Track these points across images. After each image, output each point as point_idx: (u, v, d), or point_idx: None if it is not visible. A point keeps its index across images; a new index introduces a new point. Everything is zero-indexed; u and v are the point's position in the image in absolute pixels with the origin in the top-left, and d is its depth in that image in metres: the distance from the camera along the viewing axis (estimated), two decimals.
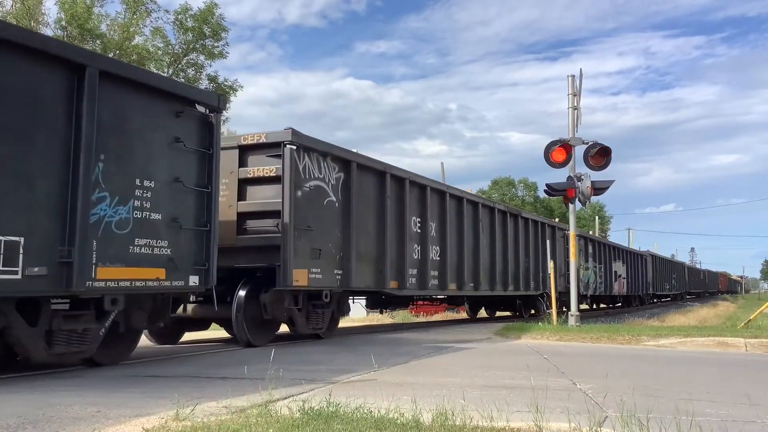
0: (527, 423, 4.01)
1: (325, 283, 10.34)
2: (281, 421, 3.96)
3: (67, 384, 5.94)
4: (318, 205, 10.24)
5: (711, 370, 7.79)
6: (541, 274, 20.20)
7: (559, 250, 21.57)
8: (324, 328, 11.00)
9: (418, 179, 13.42)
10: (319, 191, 10.31)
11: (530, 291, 19.82)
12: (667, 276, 43.83)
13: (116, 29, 28.68)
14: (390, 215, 12.15)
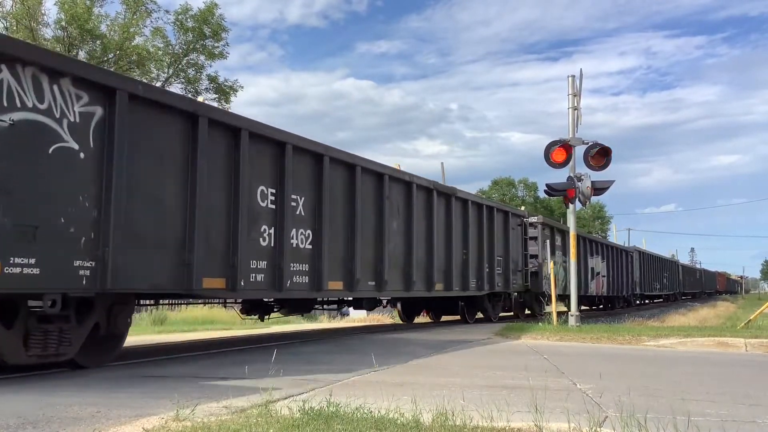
0: (527, 423, 4.01)
1: (45, 283, 6.13)
2: (281, 421, 3.96)
3: (67, 384, 5.95)
4: (32, 153, 6.09)
5: (711, 371, 7.79)
6: (488, 269, 16.25)
7: (515, 242, 18.42)
8: (71, 354, 6.89)
9: (264, 130, 9.03)
10: (37, 131, 6.13)
11: (470, 291, 15.46)
12: (658, 275, 40.59)
13: (116, 29, 28.66)
14: (204, 178, 7.89)
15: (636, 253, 35.09)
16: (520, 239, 19.02)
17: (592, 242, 27.33)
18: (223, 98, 31.30)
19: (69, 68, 6.54)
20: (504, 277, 17.64)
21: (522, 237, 19.09)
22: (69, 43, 27.36)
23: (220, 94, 31.20)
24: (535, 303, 20.41)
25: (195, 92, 30.21)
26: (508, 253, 18.00)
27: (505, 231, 17.94)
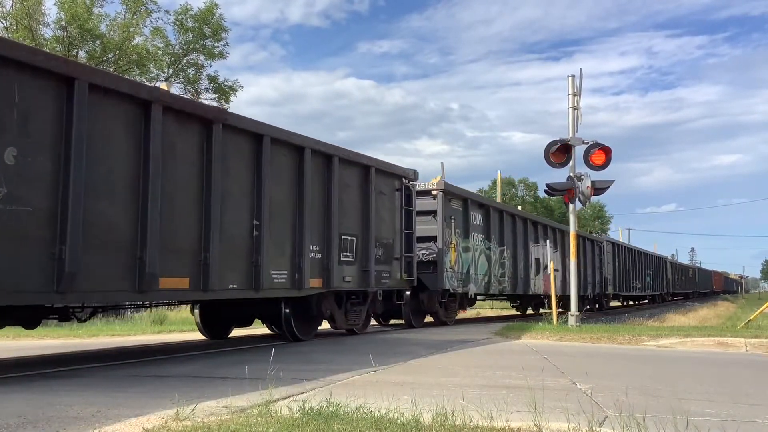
0: (527, 423, 4.01)
1: None
2: (281, 421, 3.97)
3: (67, 384, 5.95)
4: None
5: (711, 370, 7.79)
6: (317, 254, 10.30)
7: (386, 214, 12.29)
8: None
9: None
10: None
11: (270, 288, 9.37)
12: (639, 272, 35.14)
13: (116, 29, 28.63)
14: None
15: (608, 244, 29.92)
16: (398, 212, 12.54)
17: (537, 224, 21.52)
18: (222, 98, 31.29)
19: None
20: (358, 266, 11.30)
21: (401, 208, 12.58)
22: (69, 42, 27.35)
23: (219, 94, 31.18)
24: (438, 305, 15.18)
25: (195, 92, 30.21)
26: (367, 231, 11.52)
27: (364, 196, 11.51)
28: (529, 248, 20.33)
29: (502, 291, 18.64)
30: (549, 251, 18.53)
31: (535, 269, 20.76)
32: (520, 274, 19.66)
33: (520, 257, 19.67)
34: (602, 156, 14.16)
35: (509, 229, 19.10)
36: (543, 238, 21.09)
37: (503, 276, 18.44)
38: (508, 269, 18.76)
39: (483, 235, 17.18)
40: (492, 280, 17.65)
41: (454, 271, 15.01)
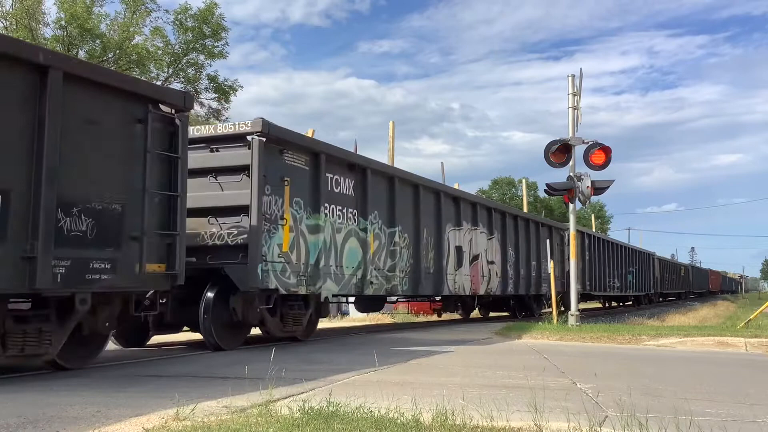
0: (527, 423, 4.01)
1: None
2: (281, 421, 3.96)
3: (67, 384, 5.95)
4: None
5: (711, 370, 7.79)
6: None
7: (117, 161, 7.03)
8: None
9: None
10: None
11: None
12: (619, 269, 30.01)
13: (116, 29, 28.66)
14: None
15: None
16: (142, 158, 7.19)
17: (459, 201, 15.28)
18: (222, 98, 31.31)
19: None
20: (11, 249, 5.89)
21: (151, 152, 7.24)
22: (69, 42, 27.35)
23: (219, 94, 31.20)
24: (267, 313, 9.56)
25: (195, 92, 30.22)
26: (38, 184, 6.02)
27: (37, 122, 6.20)
28: (443, 233, 14.24)
29: (392, 290, 12.52)
30: (478, 237, 15.65)
31: (456, 261, 14.77)
32: (428, 267, 13.66)
33: (428, 244, 13.64)
34: (602, 156, 14.16)
35: (408, 205, 13.02)
36: (471, 220, 15.78)
37: (395, 270, 12.31)
38: (405, 261, 12.76)
39: (354, 210, 11.33)
40: (370, 276, 11.56)
41: (290, 262, 9.66)
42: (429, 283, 13.85)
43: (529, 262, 19.80)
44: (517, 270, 18.83)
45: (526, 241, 19.63)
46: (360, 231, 11.45)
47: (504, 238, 17.93)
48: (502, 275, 17.76)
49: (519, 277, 18.94)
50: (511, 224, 18.59)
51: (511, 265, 18.44)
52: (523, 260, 19.35)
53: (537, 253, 20.43)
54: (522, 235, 19.29)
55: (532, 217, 21.51)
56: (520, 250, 19.07)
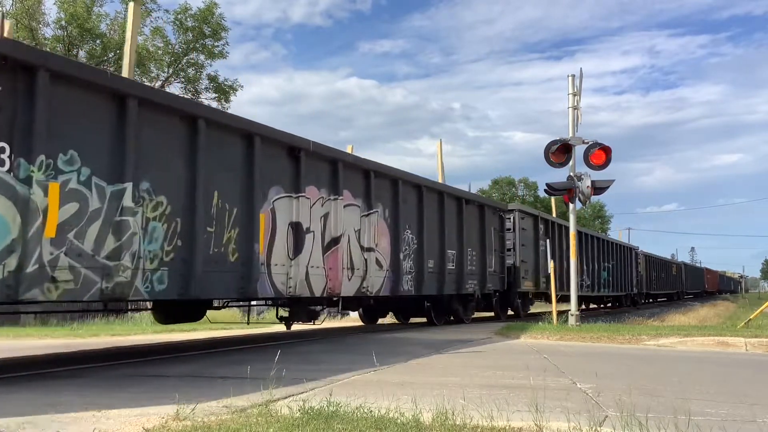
0: (527, 422, 4.01)
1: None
2: (281, 421, 3.97)
3: (68, 384, 5.95)
4: None
5: (711, 370, 7.79)
6: None
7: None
8: None
9: None
10: None
11: None
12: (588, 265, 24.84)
13: (116, 29, 28.66)
14: None
15: (523, 217, 19.08)
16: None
17: (301, 158, 9.77)
18: (222, 98, 31.30)
19: None
20: None
21: None
22: (69, 42, 27.36)
23: (219, 94, 31.20)
24: None
25: (195, 91, 30.23)
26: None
27: None
28: (261, 201, 9.00)
29: (116, 292, 6.83)
30: (343, 213, 10.60)
31: (290, 245, 9.52)
32: (222, 253, 8.32)
33: (221, 217, 8.33)
34: (602, 156, 14.16)
35: (171, 150, 7.68)
36: (327, 185, 10.39)
37: (121, 257, 6.85)
38: (157, 242, 7.35)
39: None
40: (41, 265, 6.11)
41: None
42: (220, 279, 8.25)
43: (445, 251, 14.04)
44: (422, 261, 13.04)
45: (439, 223, 13.91)
46: (14, 184, 5.92)
47: (396, 215, 12.22)
48: (394, 268, 12.11)
49: (426, 272, 13.20)
50: (413, 198, 13.03)
51: (411, 254, 12.82)
52: (436, 249, 13.72)
53: (470, 241, 15.27)
54: (433, 214, 13.75)
55: (452, 192, 15.00)
56: (429, 233, 13.37)
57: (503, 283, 17.59)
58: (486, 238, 16.35)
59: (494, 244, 17.03)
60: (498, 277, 17.31)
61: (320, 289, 9.99)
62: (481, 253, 16.08)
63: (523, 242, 19.25)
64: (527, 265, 19.50)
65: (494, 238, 17.04)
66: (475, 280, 15.72)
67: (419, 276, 13.07)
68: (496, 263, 17.15)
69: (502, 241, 17.70)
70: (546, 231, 21.11)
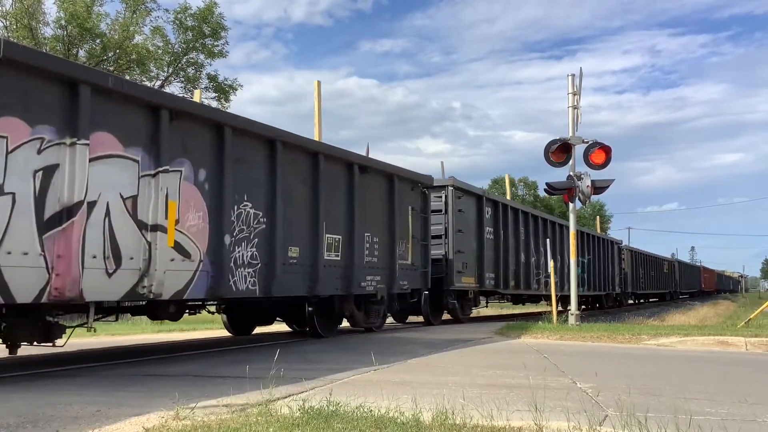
0: (527, 422, 4.01)
1: None
2: (281, 420, 3.96)
3: (67, 384, 5.95)
4: None
5: (711, 369, 7.79)
6: None
7: None
8: None
9: None
10: None
11: None
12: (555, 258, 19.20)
13: (116, 28, 28.67)
14: None
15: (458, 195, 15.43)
16: None
17: None
18: (222, 97, 31.31)
19: None
20: None
21: None
22: (69, 42, 27.35)
23: (219, 93, 31.21)
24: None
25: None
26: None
27: None
28: None
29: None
30: (91, 171, 6.54)
31: None
32: None
33: None
34: (602, 155, 14.15)
35: None
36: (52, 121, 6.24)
37: None
38: None
39: None
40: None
41: None
42: None
43: (320, 236, 10.04)
44: (273, 249, 9.10)
45: (310, 196, 9.98)
46: None
47: (221, 180, 8.25)
48: (215, 258, 8.16)
49: (282, 264, 9.25)
50: (257, 156, 9.01)
51: (253, 237, 8.81)
52: (305, 232, 9.83)
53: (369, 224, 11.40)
54: (298, 183, 9.75)
55: (337, 154, 10.69)
56: (291, 210, 9.49)
57: (426, 280, 13.60)
58: (397, 221, 12.14)
59: (413, 229, 12.79)
60: (419, 273, 13.25)
61: (30, 291, 5.99)
62: (388, 240, 11.97)
63: (461, 228, 15.38)
64: (466, 256, 15.60)
65: (412, 221, 12.83)
66: (379, 276, 11.71)
67: (269, 270, 8.96)
68: (415, 254, 12.98)
69: (425, 225, 13.58)
70: (494, 216, 17.49)
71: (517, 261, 18.92)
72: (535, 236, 20.51)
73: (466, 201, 16.06)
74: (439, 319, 15.58)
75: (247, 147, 8.78)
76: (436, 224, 14.77)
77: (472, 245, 16.13)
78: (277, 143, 9.27)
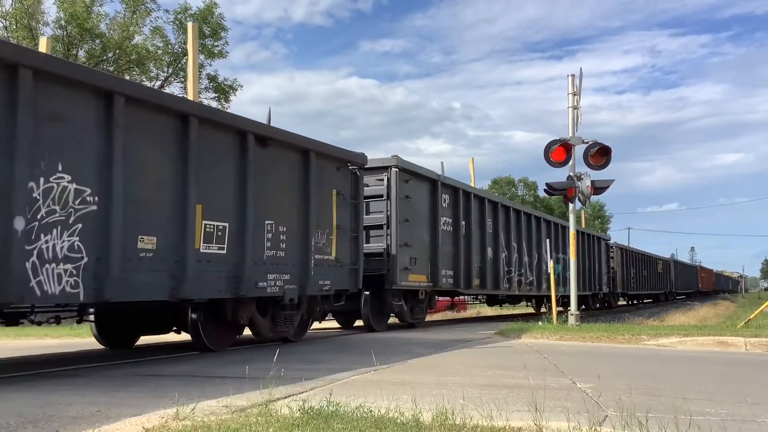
0: (527, 422, 4.01)
1: None
2: (281, 421, 3.96)
3: (67, 384, 5.95)
4: None
5: (711, 370, 7.79)
6: None
7: None
8: None
9: None
10: None
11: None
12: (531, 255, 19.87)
13: (116, 29, 28.66)
14: None
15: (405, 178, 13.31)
16: None
17: None
18: (222, 97, 31.31)
19: None
20: None
21: None
22: (68, 42, 27.35)
23: (219, 93, 31.21)
24: None
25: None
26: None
27: None
28: None
29: None
30: None
31: None
32: None
33: None
34: (602, 155, 14.17)
35: None
36: None
37: None
38: None
39: None
40: None
41: None
42: None
43: (188, 221, 7.75)
44: (108, 237, 6.78)
45: (175, 169, 7.71)
46: None
47: (10, 139, 5.93)
48: None
49: (126, 257, 7.00)
50: (93, 120, 6.79)
51: (74, 221, 6.49)
52: (162, 215, 7.55)
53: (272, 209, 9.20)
54: (152, 151, 7.47)
55: (218, 118, 8.59)
56: (139, 185, 7.23)
57: (356, 279, 11.08)
58: (314, 207, 9.86)
59: (338, 217, 10.54)
60: (347, 270, 10.82)
61: None
62: (302, 230, 9.66)
63: (408, 217, 13.14)
64: (415, 250, 13.37)
65: (338, 208, 10.57)
66: (288, 275, 9.44)
67: (102, 266, 6.70)
68: (341, 248, 10.60)
69: (357, 213, 11.13)
70: (453, 204, 15.27)
71: (482, 257, 16.60)
72: (506, 229, 18.32)
73: (417, 186, 13.82)
74: (384, 324, 13.46)
75: (65, 99, 6.47)
76: (376, 212, 12.83)
77: (423, 238, 13.89)
78: (116, 98, 6.85)
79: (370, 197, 12.54)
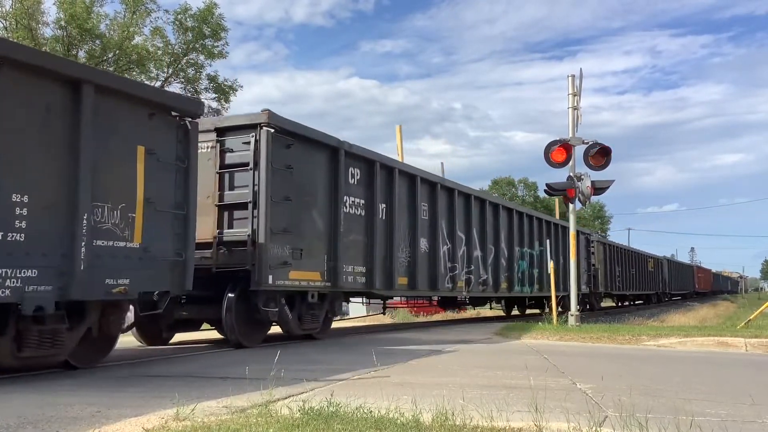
0: (527, 423, 4.01)
1: None
2: (281, 421, 3.96)
3: (67, 384, 5.94)
4: None
5: (711, 370, 7.79)
6: None
7: None
8: None
9: None
10: None
11: None
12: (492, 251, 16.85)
13: (116, 29, 28.66)
14: None
15: (287, 143, 9.63)
16: None
17: None
18: (222, 98, 31.31)
19: None
20: None
21: None
22: (68, 42, 27.35)
23: (219, 94, 31.21)
24: None
25: (195, 91, 30.22)
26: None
27: None
28: None
29: None
30: None
31: None
32: None
33: None
34: (602, 156, 14.17)
35: None
36: None
37: None
38: None
39: None
40: None
41: None
42: None
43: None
44: None
45: None
46: None
47: None
48: None
49: None
50: None
51: None
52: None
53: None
54: None
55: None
56: None
57: (183, 277, 7.50)
58: (87, 168, 6.35)
59: (146, 187, 7.05)
60: (165, 264, 7.30)
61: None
62: (66, 201, 6.23)
63: (288, 194, 9.74)
64: (301, 239, 10.04)
65: (148, 171, 7.08)
66: (32, 271, 5.90)
67: None
68: (153, 232, 7.12)
69: (186, 183, 7.57)
70: (368, 181, 11.71)
71: (413, 250, 13.10)
72: (449, 217, 14.71)
73: (307, 154, 10.27)
74: (259, 337, 10.00)
75: None
76: (242, 187, 9.48)
77: (315, 223, 10.43)
78: None
79: (233, 166, 9.57)
